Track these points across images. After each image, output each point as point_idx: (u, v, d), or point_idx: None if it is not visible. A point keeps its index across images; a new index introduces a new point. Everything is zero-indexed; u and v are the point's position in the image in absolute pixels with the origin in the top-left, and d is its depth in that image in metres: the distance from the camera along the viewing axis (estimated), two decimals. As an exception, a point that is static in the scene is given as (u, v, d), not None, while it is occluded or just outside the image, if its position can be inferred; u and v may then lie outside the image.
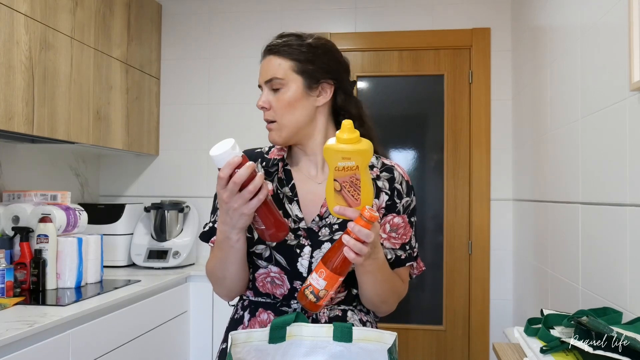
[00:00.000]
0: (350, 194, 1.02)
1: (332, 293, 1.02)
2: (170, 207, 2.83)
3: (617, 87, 1.42)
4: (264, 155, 1.27)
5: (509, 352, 1.28)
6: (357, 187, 1.02)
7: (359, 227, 0.98)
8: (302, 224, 1.18)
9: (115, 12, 2.62)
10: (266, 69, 1.21)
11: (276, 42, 1.22)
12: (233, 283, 1.19)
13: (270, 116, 1.20)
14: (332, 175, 1.02)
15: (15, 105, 1.95)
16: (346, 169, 1.00)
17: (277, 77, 1.19)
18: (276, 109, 1.19)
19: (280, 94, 1.19)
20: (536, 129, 2.30)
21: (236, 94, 3.08)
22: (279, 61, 1.20)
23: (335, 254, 1.01)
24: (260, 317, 1.19)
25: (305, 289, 1.03)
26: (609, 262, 1.48)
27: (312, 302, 1.02)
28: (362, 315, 1.22)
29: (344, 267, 1.01)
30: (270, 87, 1.20)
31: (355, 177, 1.01)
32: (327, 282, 1.01)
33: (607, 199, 1.49)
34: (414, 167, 2.98)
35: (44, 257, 2.09)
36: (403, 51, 2.98)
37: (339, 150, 0.99)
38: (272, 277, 1.18)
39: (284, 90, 1.19)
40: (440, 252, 2.93)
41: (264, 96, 1.20)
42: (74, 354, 1.74)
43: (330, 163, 1.01)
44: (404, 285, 1.24)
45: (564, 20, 1.92)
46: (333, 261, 1.01)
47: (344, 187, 1.01)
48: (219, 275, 1.19)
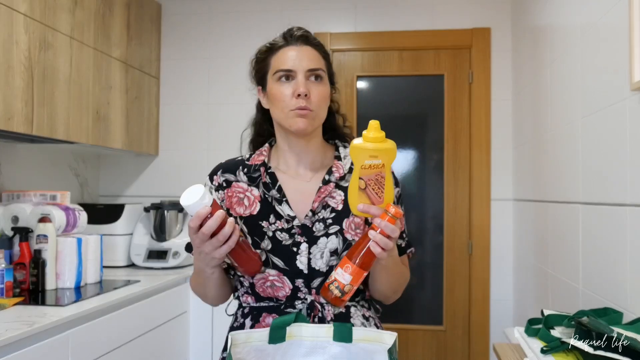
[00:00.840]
0: (375, 192, 1.05)
1: (355, 288, 1.06)
2: (170, 207, 2.83)
3: (617, 87, 1.42)
4: (245, 162, 1.27)
5: (509, 353, 1.28)
6: (381, 185, 1.06)
7: (386, 223, 1.02)
8: (296, 221, 1.19)
9: (115, 12, 2.62)
10: (309, 58, 1.19)
11: (308, 33, 1.23)
12: (215, 298, 1.26)
13: (310, 104, 1.17)
14: (358, 174, 1.05)
15: (14, 105, 1.94)
16: (372, 167, 1.04)
17: (323, 70, 1.21)
18: (314, 100, 1.18)
19: (323, 85, 1.20)
20: (536, 129, 2.30)
21: (236, 94, 3.07)
22: (317, 55, 1.22)
23: (361, 249, 1.05)
24: (266, 322, 1.17)
25: (330, 284, 1.06)
26: (609, 262, 1.48)
27: (337, 297, 1.06)
28: (364, 311, 1.23)
29: (369, 262, 1.05)
30: (308, 77, 1.18)
31: (380, 175, 1.05)
32: (352, 277, 1.05)
33: (608, 199, 1.49)
34: (414, 167, 2.98)
35: (44, 258, 2.09)
36: (403, 51, 2.98)
37: (367, 148, 1.04)
38: (271, 281, 1.18)
39: (324, 83, 1.21)
40: (440, 252, 2.93)
41: (304, 83, 1.17)
42: (73, 354, 1.74)
43: (356, 161, 1.05)
44: (408, 271, 1.30)
45: (564, 20, 1.92)
46: (359, 256, 1.04)
47: (369, 185, 1.05)
48: (201, 293, 1.27)
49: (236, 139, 1.38)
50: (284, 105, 1.18)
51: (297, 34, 1.22)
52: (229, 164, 1.28)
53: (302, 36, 1.21)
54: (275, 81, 1.20)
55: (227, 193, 1.24)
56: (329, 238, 1.17)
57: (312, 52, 1.21)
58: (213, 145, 3.09)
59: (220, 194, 1.24)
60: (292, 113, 1.17)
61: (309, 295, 1.17)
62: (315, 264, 1.16)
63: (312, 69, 1.18)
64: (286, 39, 1.22)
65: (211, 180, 1.27)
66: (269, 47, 1.24)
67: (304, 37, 1.22)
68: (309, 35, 1.23)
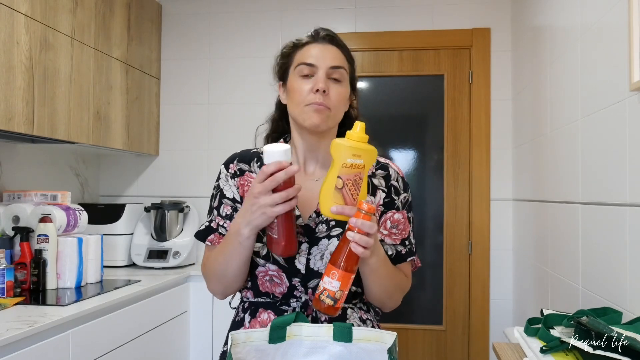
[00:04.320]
0: (350, 193, 1.03)
1: (346, 292, 1.03)
2: (170, 207, 2.83)
3: (617, 87, 1.42)
4: (260, 156, 1.27)
5: (509, 352, 1.28)
6: (358, 186, 1.03)
7: (362, 221, 1.00)
8: (299, 221, 1.19)
9: (115, 12, 2.62)
10: (333, 56, 1.20)
11: (334, 34, 1.24)
12: (232, 280, 1.18)
13: (328, 102, 1.17)
14: (336, 173, 1.03)
15: (15, 105, 1.95)
16: (354, 167, 1.02)
17: (345, 69, 1.21)
18: (335, 98, 1.18)
19: (342, 87, 1.20)
20: (536, 129, 2.31)
21: (236, 94, 3.08)
22: (342, 56, 1.22)
23: (342, 252, 1.02)
24: (261, 317, 1.19)
25: (319, 295, 1.03)
26: (608, 261, 1.48)
27: (331, 306, 1.02)
28: (362, 313, 1.23)
29: (353, 263, 1.02)
30: (329, 75, 1.19)
31: (359, 177, 1.03)
32: (340, 282, 1.01)
33: (607, 199, 1.49)
34: (414, 167, 2.98)
35: (44, 257, 2.09)
36: (403, 51, 2.98)
37: (351, 146, 1.02)
38: (270, 276, 1.18)
39: (344, 85, 1.21)
40: (440, 252, 2.93)
41: (324, 80, 1.17)
42: (74, 354, 1.74)
43: (337, 159, 1.03)
44: (408, 279, 1.26)
45: (564, 20, 1.93)
46: (342, 260, 1.02)
47: (346, 184, 1.03)
48: (220, 271, 1.18)
49: (236, 139, 1.40)
50: (301, 100, 1.18)
51: (324, 33, 1.23)
52: (244, 155, 1.29)
53: (328, 35, 1.23)
54: (296, 75, 1.20)
55: (239, 181, 1.25)
56: (331, 240, 1.17)
57: (336, 51, 1.22)
58: (213, 145, 3.09)
59: (235, 181, 1.25)
60: (308, 108, 1.17)
61: (304, 295, 1.17)
62: (314, 264, 1.17)
63: (334, 66, 1.19)
64: (312, 37, 1.23)
65: (227, 168, 1.27)
66: (295, 43, 1.25)
67: (329, 36, 1.23)
68: (335, 36, 1.24)
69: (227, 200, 1.24)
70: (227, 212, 1.23)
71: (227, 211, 1.23)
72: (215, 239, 1.23)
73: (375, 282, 1.15)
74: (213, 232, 1.23)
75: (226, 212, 1.23)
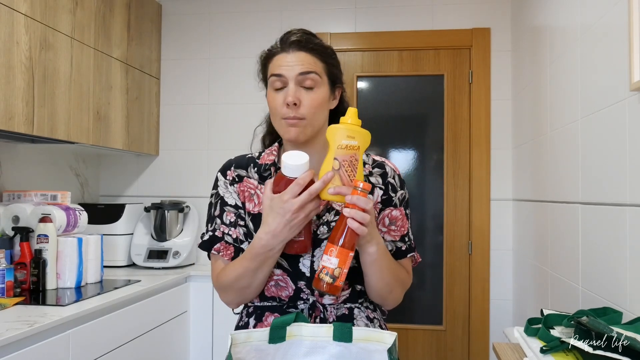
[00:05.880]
0: (347, 174, 1.07)
1: (345, 271, 1.05)
2: (170, 207, 2.83)
3: (617, 87, 1.42)
4: (256, 161, 1.27)
5: (509, 352, 1.28)
6: (354, 167, 1.07)
7: (357, 197, 1.03)
8: None
9: (115, 12, 2.62)
10: (301, 63, 1.17)
11: (303, 37, 1.20)
12: (255, 291, 1.18)
13: (301, 113, 1.16)
14: (332, 155, 1.07)
15: (15, 105, 1.95)
16: (349, 148, 1.06)
17: (316, 73, 1.18)
18: (307, 107, 1.16)
19: (315, 93, 1.18)
20: (536, 129, 2.31)
21: (236, 94, 3.08)
22: (313, 59, 1.19)
23: (341, 230, 1.05)
24: (268, 321, 1.18)
25: (319, 273, 1.05)
26: (609, 262, 1.48)
27: (330, 284, 1.04)
28: (369, 313, 1.22)
29: (351, 240, 1.05)
30: (300, 83, 1.17)
31: (355, 158, 1.07)
32: (339, 258, 1.04)
33: (607, 199, 1.49)
34: (414, 167, 2.98)
35: (44, 257, 2.09)
36: (403, 51, 2.98)
37: (345, 128, 1.07)
38: (275, 280, 1.18)
39: (318, 89, 1.18)
40: (440, 252, 2.93)
41: (294, 92, 1.16)
42: (74, 354, 1.74)
43: (333, 142, 1.07)
44: (409, 275, 1.27)
45: (563, 21, 1.93)
46: (340, 237, 1.04)
47: (342, 165, 1.07)
48: (243, 285, 1.16)
49: (236, 139, 1.39)
50: (276, 113, 1.19)
51: (291, 39, 1.20)
52: (240, 160, 1.28)
53: (295, 41, 1.19)
54: (270, 88, 1.21)
55: (239, 187, 1.24)
56: None
57: (305, 56, 1.18)
58: (213, 145, 3.09)
59: (235, 188, 1.24)
60: (284, 122, 1.18)
61: (312, 297, 1.17)
62: (318, 266, 1.16)
63: (303, 72, 1.16)
64: (281, 45, 1.21)
65: (224, 175, 1.26)
66: (267, 54, 1.24)
67: (297, 42, 1.19)
68: (303, 39, 1.20)
69: (229, 207, 1.24)
70: (231, 220, 1.23)
71: (231, 218, 1.23)
72: (221, 247, 1.22)
73: (376, 274, 1.15)
74: (219, 241, 1.22)
75: (230, 220, 1.23)
